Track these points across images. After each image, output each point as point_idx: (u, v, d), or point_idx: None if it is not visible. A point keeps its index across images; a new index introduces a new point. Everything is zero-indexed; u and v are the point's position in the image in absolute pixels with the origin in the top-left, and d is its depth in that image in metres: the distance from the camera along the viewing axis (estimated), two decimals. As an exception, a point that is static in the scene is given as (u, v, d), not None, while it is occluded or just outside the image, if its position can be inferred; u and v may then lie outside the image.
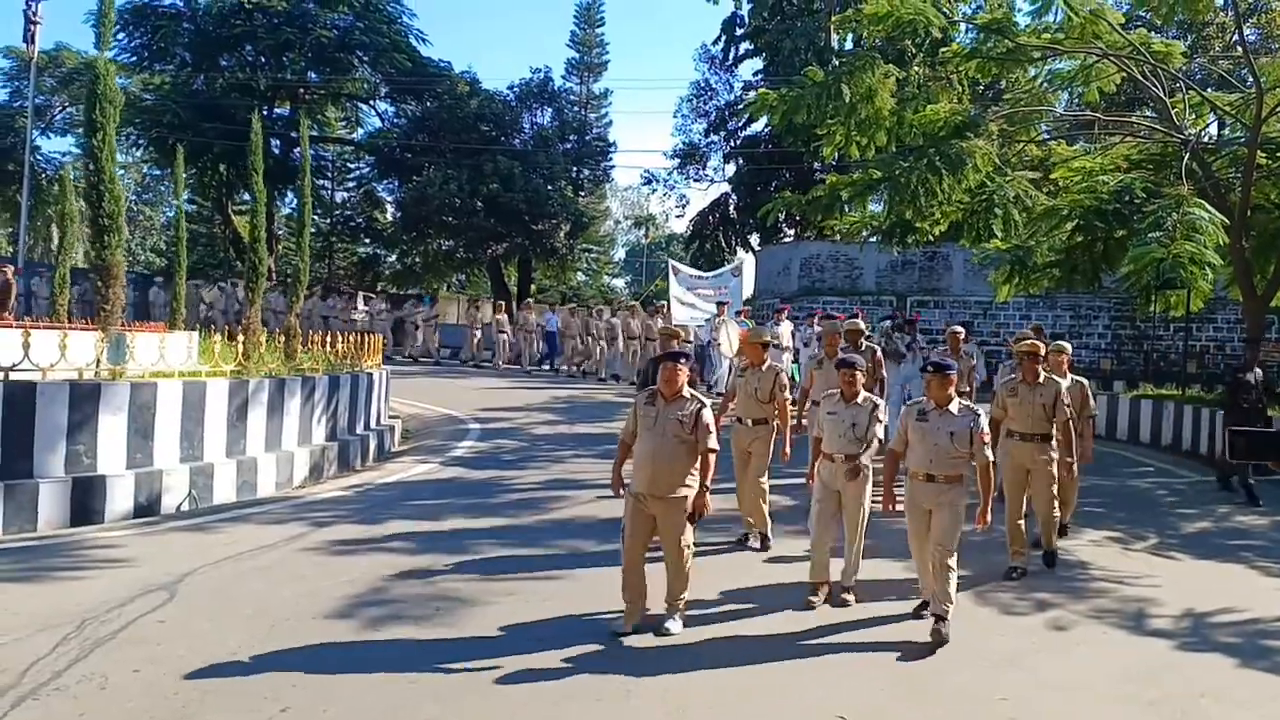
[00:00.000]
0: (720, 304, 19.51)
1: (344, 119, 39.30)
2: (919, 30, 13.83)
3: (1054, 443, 7.96)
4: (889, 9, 13.46)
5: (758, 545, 8.20)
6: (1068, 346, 9.22)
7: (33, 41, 29.46)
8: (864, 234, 18.57)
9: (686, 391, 6.16)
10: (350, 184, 39.47)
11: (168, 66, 32.59)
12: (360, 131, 38.71)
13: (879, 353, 10.56)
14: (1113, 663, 6.05)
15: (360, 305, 27.19)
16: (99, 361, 9.05)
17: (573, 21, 41.12)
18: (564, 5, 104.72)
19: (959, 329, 11.84)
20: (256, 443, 10.08)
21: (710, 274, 23.12)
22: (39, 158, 35.44)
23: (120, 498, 8.66)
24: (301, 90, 33.56)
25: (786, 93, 14.07)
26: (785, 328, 18.40)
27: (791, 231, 35.33)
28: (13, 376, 8.18)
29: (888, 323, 16.29)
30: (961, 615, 6.47)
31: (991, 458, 6.43)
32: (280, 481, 10.29)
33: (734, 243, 38.00)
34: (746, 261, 31.17)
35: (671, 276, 21.80)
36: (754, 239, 36.97)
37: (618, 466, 6.39)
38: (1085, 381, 9.29)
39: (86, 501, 8.44)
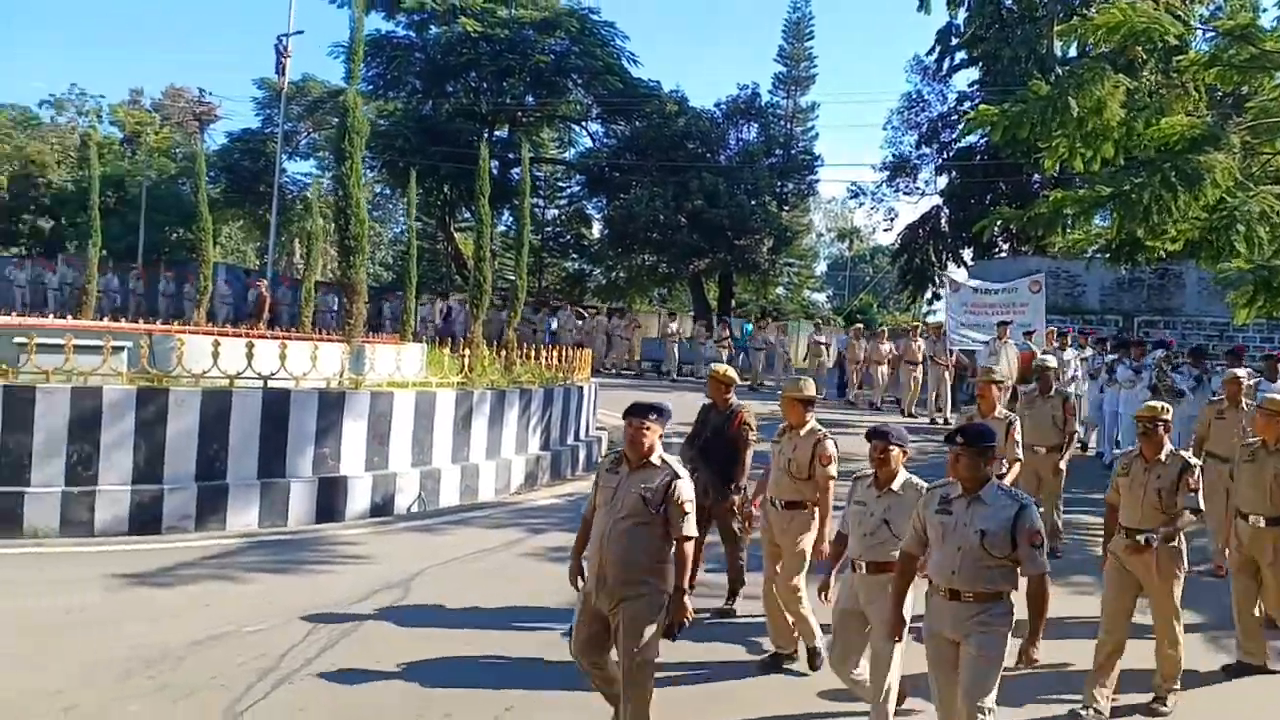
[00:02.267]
0: (1002, 323, 16.19)
1: (557, 139, 40.80)
2: (1153, 38, 12.97)
3: None
4: (1121, 18, 12.69)
5: (805, 665, 6.02)
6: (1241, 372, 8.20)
7: (283, 73, 32.32)
8: (1088, 251, 17.55)
9: (658, 457, 4.65)
10: (561, 202, 40.92)
11: (400, 94, 34.89)
12: (572, 151, 40.10)
13: (1068, 401, 9.01)
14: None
15: (571, 319, 28.12)
16: (343, 372, 9.84)
17: (781, 36, 41.03)
18: (773, 21, 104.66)
19: (1242, 374, 8.72)
20: (478, 450, 10.67)
21: (999, 286, 19.09)
22: (285, 179, 38.74)
23: (359, 498, 9.40)
24: (520, 113, 35.13)
25: (1007, 107, 13.51)
26: (1071, 355, 15.56)
27: (1007, 246, 33.84)
28: (270, 384, 9.03)
29: (1160, 352, 14.31)
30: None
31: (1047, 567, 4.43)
32: (499, 487, 10.85)
33: (944, 257, 36.74)
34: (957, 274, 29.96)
35: (947, 292, 18.86)
36: (966, 254, 35.65)
37: (576, 551, 4.94)
38: None
39: (330, 501, 9.20)
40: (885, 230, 42.98)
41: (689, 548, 4.59)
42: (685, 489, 4.58)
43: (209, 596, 6.80)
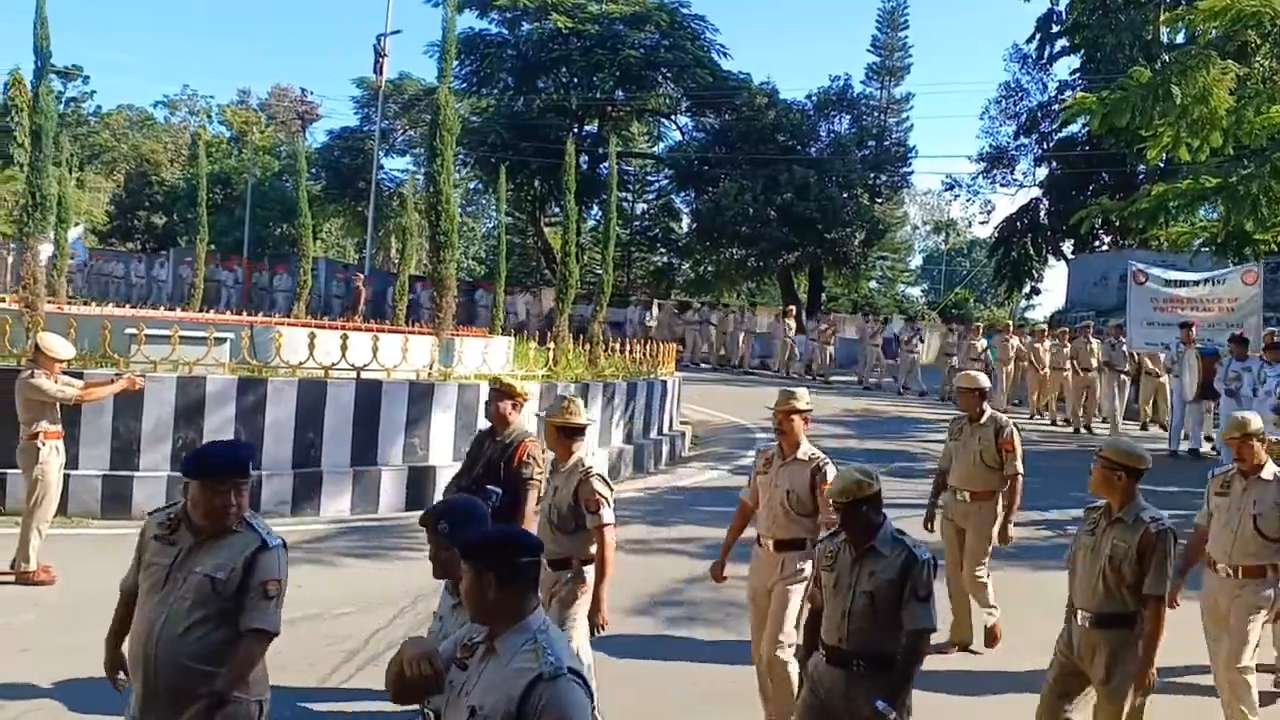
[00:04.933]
0: (1184, 325, 13.83)
1: (646, 134, 40.96)
2: (1264, 22, 12.44)
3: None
4: (1228, 1, 12.22)
5: None
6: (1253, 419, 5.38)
7: (380, 73, 33.21)
8: (1194, 244, 16.92)
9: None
10: (650, 196, 41.08)
11: (493, 91, 35.50)
12: (661, 145, 40.22)
13: None
14: None
15: (654, 312, 28.23)
16: (432, 364, 10.11)
17: (875, 26, 40.35)
18: (867, 10, 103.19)
19: None
20: (561, 443, 10.82)
21: (1200, 276, 15.59)
22: (383, 175, 39.78)
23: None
24: (609, 108, 35.39)
25: (1107, 95, 13.14)
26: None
27: (1108, 239, 32.75)
28: (363, 376, 9.33)
29: None
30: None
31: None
32: (582, 480, 10.97)
33: (1044, 250, 35.79)
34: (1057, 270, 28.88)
35: (1131, 285, 15.86)
36: (1066, 246, 34.64)
37: None
38: None
39: (419, 489, 9.47)
40: (981, 223, 42.05)
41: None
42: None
43: (301, 579, 7.03)
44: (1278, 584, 5.12)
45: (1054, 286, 76.66)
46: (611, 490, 4.84)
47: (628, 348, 13.29)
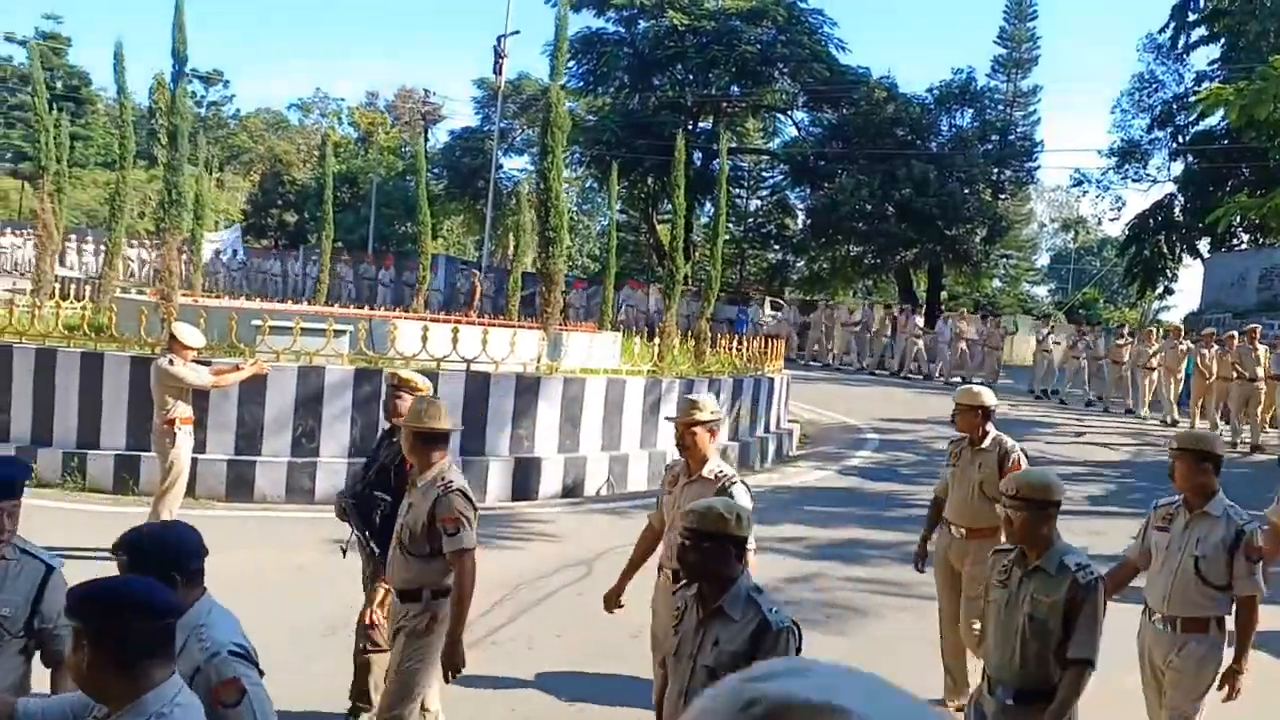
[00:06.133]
0: None
1: (761, 130, 40.67)
2: None
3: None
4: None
5: None
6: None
7: (500, 73, 33.89)
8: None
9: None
10: (764, 192, 40.77)
11: (609, 89, 35.81)
12: (776, 141, 39.86)
13: None
14: None
15: (768, 310, 28.02)
16: (540, 358, 10.27)
17: (1002, 17, 39.08)
18: (993, 2, 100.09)
19: None
20: (666, 437, 10.84)
21: None
22: (501, 174, 40.59)
23: (551, 479, 9.79)
24: (724, 104, 35.27)
25: (1243, 85, 12.42)
26: None
27: (1247, 237, 30.97)
28: (472, 368, 9.54)
29: None
30: None
31: None
32: (686, 476, 10.98)
33: (1178, 249, 34.08)
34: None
35: None
36: (1202, 245, 32.91)
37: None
38: None
39: (524, 480, 9.64)
40: (1111, 220, 40.35)
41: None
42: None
43: (410, 564, 7.28)
44: (1214, 646, 4.11)
45: (1188, 287, 72.93)
46: (475, 510, 4.14)
47: (744, 344, 13.22)
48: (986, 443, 5.41)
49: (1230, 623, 4.13)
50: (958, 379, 22.50)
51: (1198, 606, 4.07)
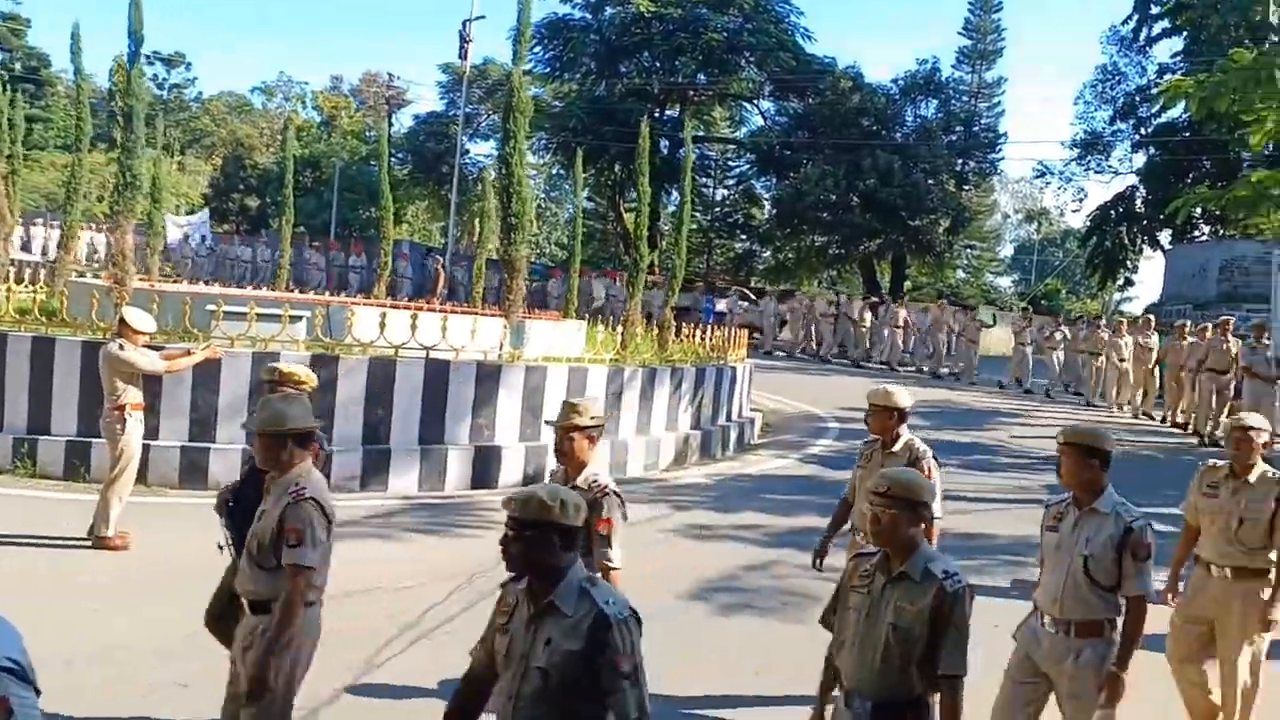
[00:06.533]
0: None
1: (728, 118, 40.69)
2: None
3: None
4: (1342, -24, 11.55)
5: None
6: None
7: (465, 58, 33.57)
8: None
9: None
10: (730, 181, 40.84)
11: (575, 75, 35.65)
12: (743, 130, 39.90)
13: None
14: None
15: (735, 300, 28.04)
16: (501, 345, 10.18)
17: (967, 8, 39.29)
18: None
19: None
20: (628, 426, 10.83)
21: None
22: (466, 160, 40.29)
23: (512, 467, 9.73)
24: (691, 92, 35.23)
25: (1205, 78, 12.53)
26: None
27: (1208, 229, 31.46)
28: (432, 356, 9.44)
29: None
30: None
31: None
32: (647, 464, 10.98)
33: (1139, 240, 34.58)
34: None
35: (1276, 276, 14.03)
36: (1163, 237, 33.40)
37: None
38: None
39: (484, 468, 9.57)
40: (1074, 211, 40.79)
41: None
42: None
43: (366, 552, 7.20)
44: (1111, 650, 3.91)
45: (1149, 278, 74.01)
46: (329, 523, 3.77)
47: (696, 333, 13.21)
48: (898, 446, 5.15)
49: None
50: (912, 368, 22.74)
51: (1090, 609, 3.89)
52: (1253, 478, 4.67)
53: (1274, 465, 4.83)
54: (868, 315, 23.83)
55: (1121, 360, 17.19)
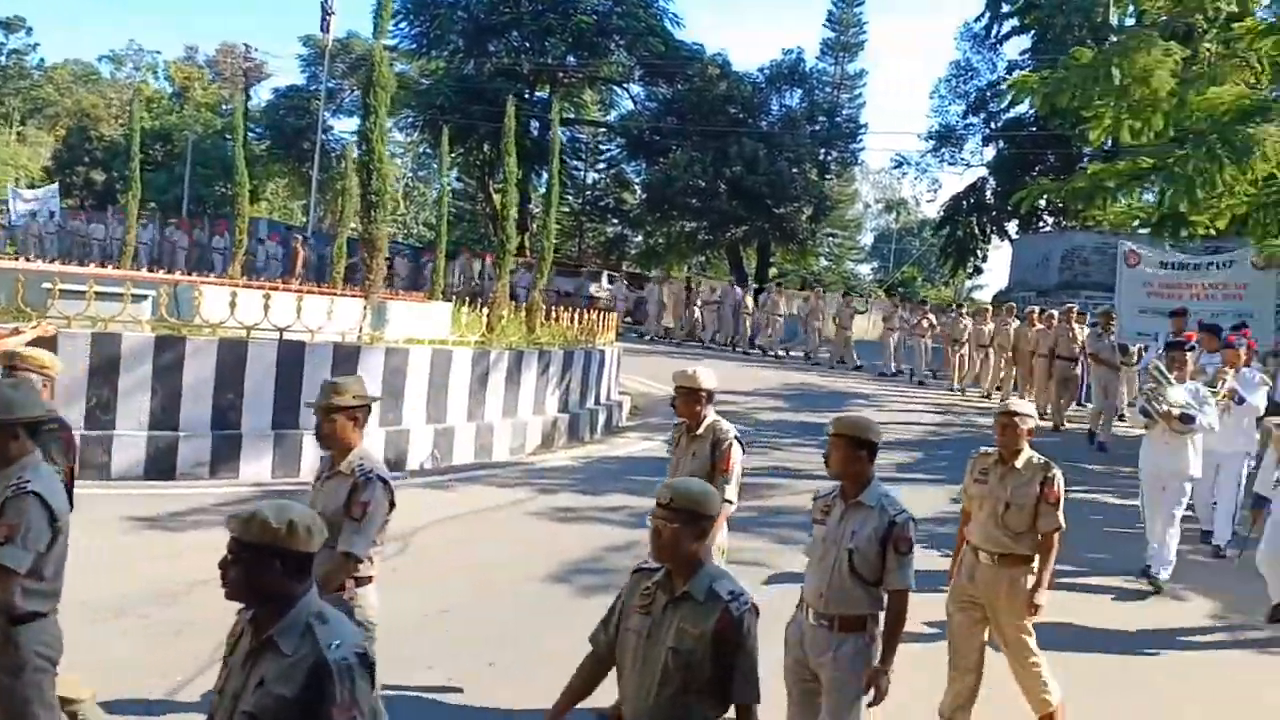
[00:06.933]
0: (1175, 313, 11.79)
1: (599, 102, 40.60)
2: (1205, 6, 12.51)
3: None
4: (1173, -18, 12.30)
5: None
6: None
7: (328, 30, 32.48)
8: (1132, 225, 17.11)
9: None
10: (601, 165, 40.81)
11: (443, 52, 34.89)
12: (614, 114, 39.89)
13: None
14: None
15: (604, 284, 28.06)
16: (361, 327, 9.89)
17: (830, 1, 40.28)
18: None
19: None
20: (494, 410, 10.69)
21: (1204, 260, 14.16)
22: (329, 137, 39.02)
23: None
24: (561, 74, 34.97)
25: (1048, 75, 13.18)
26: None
27: (1052, 219, 33.21)
28: (286, 337, 9.09)
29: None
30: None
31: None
32: (514, 447, 10.87)
33: (988, 230, 36.22)
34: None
35: (1122, 268, 14.08)
36: (1011, 226, 35.07)
37: None
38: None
39: (343, 454, 9.26)
40: (929, 201, 42.31)
41: None
42: None
43: (217, 541, 6.84)
44: (871, 645, 3.86)
45: (998, 266, 77.70)
46: (51, 522, 3.44)
47: (564, 316, 13.15)
48: (702, 428, 5.01)
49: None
50: (784, 354, 23.25)
51: (854, 603, 3.81)
52: (1019, 463, 4.67)
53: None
54: (750, 301, 24.23)
55: (982, 346, 17.89)
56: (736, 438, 4.96)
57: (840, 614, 3.81)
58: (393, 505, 4.04)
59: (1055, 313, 15.65)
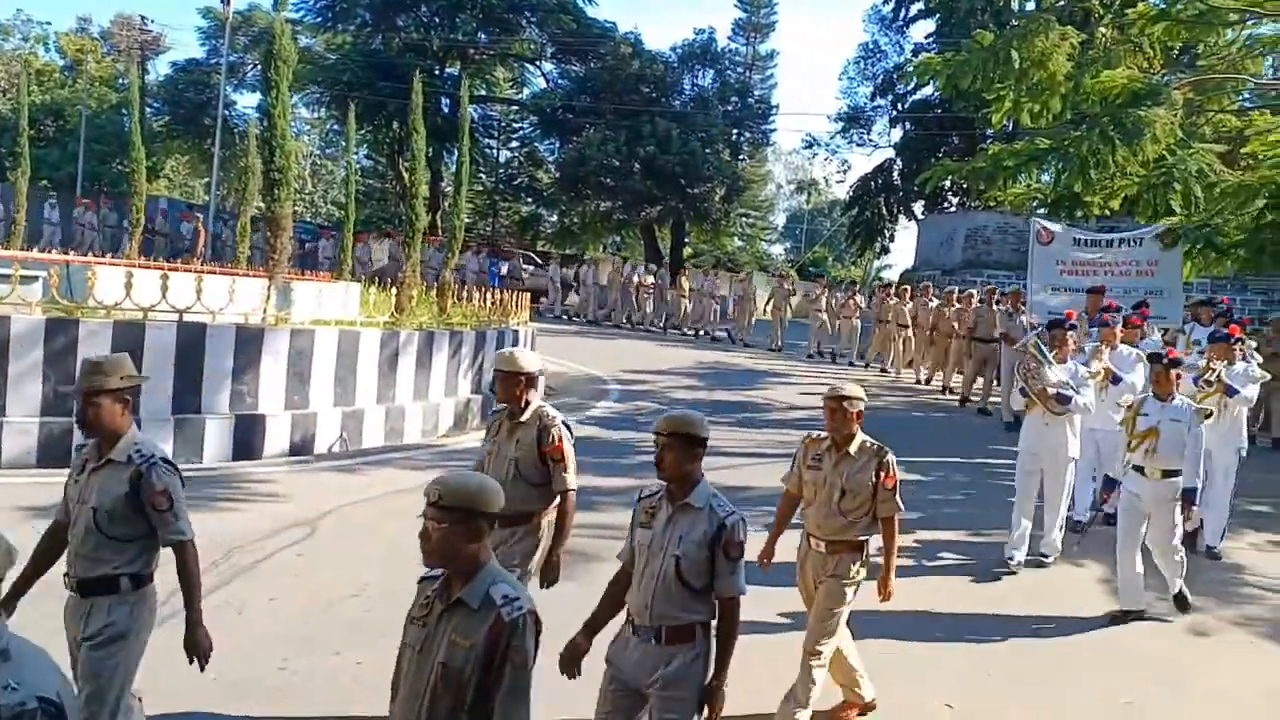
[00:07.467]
0: (1092, 290, 11.30)
1: (511, 80, 40.10)
2: (1101, -10, 12.95)
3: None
4: (1069, -32, 12.69)
5: None
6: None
7: (228, 3, 31.35)
8: (1030, 205, 17.66)
9: None
10: (514, 143, 40.33)
11: (350, 26, 34.02)
12: (526, 92, 39.47)
13: None
14: (1258, 674, 5.66)
15: (521, 264, 27.84)
16: (264, 308, 9.64)
17: (742, -20, 40.39)
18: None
19: None
20: (405, 392, 10.55)
21: (1114, 236, 13.89)
22: (232, 113, 37.71)
23: (277, 437, 9.26)
24: (471, 51, 34.43)
25: (950, 57, 13.51)
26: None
27: (956, 200, 34.05)
28: (185, 319, 8.82)
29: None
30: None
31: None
32: (426, 430, 10.75)
33: (896, 210, 36.95)
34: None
35: (1034, 245, 13.66)
36: (917, 207, 35.84)
37: None
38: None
39: (247, 438, 9.05)
40: (839, 182, 42.96)
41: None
42: None
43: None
44: (706, 656, 3.56)
45: (905, 246, 79.32)
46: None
47: (476, 296, 13.03)
48: (526, 415, 4.62)
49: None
50: (696, 331, 23.42)
51: (682, 612, 3.52)
52: (853, 449, 4.59)
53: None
54: (686, 283, 24.33)
55: (903, 326, 18.09)
56: (564, 422, 4.69)
57: (668, 625, 3.50)
58: (183, 484, 3.76)
59: (975, 293, 15.74)
